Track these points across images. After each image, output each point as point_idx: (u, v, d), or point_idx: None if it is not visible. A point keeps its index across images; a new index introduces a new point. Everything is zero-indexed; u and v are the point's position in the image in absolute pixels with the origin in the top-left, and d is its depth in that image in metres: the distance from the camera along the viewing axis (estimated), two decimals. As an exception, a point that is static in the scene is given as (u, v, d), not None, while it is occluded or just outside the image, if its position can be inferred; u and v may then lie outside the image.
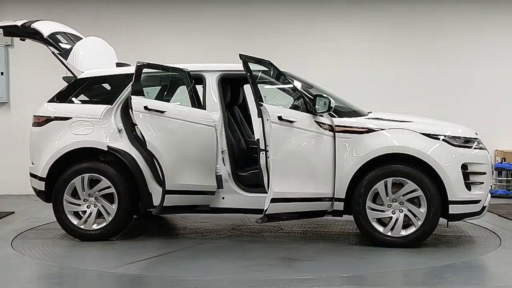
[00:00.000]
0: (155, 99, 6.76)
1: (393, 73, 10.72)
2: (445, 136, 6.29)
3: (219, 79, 6.74)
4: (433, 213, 6.13)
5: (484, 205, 6.33)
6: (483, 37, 10.80)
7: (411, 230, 6.21)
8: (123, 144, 6.62)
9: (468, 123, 10.64)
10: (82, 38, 7.26)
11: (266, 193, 6.13)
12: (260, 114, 6.00)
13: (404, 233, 6.22)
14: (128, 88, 6.62)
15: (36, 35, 6.92)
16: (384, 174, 6.19)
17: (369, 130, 6.30)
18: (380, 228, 6.23)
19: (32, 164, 6.84)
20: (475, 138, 6.46)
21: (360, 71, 10.63)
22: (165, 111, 6.27)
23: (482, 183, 6.26)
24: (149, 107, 6.21)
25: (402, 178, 6.17)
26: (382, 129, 6.31)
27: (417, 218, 6.18)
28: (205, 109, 6.60)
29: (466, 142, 6.36)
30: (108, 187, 6.57)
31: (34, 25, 6.89)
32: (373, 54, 10.74)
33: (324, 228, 7.39)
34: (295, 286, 5.01)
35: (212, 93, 6.68)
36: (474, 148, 6.34)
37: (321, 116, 6.28)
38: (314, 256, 6.02)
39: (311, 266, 5.66)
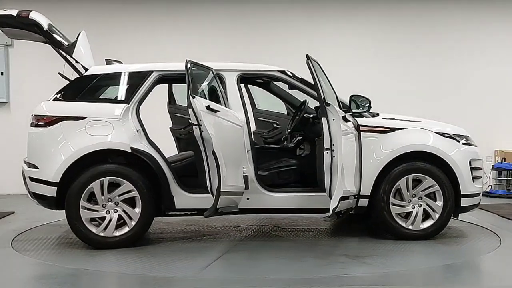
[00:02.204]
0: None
1: (392, 73, 10.72)
2: (453, 134, 6.75)
3: (238, 79, 6.61)
4: (449, 206, 6.54)
5: (480, 198, 6.86)
6: (483, 37, 10.81)
7: (430, 223, 6.57)
8: (143, 145, 6.32)
9: (468, 123, 10.65)
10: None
11: (293, 192, 6.50)
12: (324, 114, 6.02)
13: (423, 226, 6.55)
14: (144, 86, 6.44)
15: (34, 27, 6.30)
16: (407, 171, 6.52)
17: (391, 130, 6.59)
18: (403, 223, 6.52)
19: (35, 168, 6.25)
20: (468, 136, 6.90)
21: (360, 71, 10.63)
22: (218, 111, 6.06)
23: (480, 177, 6.81)
24: (210, 106, 5.93)
25: (421, 175, 6.53)
26: (401, 129, 6.62)
27: (434, 211, 6.54)
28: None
29: (466, 140, 6.82)
30: (130, 191, 6.21)
31: (32, 16, 6.26)
32: (372, 54, 10.75)
33: (317, 225, 7.42)
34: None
35: (233, 92, 6.52)
36: (471, 145, 6.82)
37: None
38: (369, 251, 6.15)
39: (385, 261, 5.79)
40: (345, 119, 6.17)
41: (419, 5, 10.78)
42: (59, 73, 6.75)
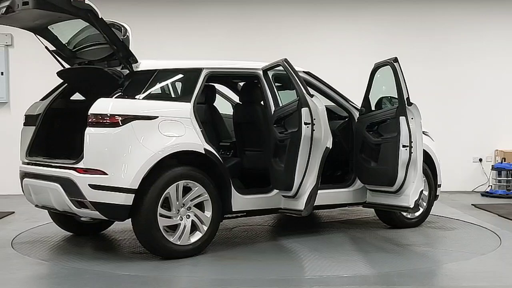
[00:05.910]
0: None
1: (393, 73, 10.71)
2: (427, 132, 7.35)
3: (273, 78, 6.55)
4: (433, 196, 7.33)
5: None
6: (483, 37, 10.82)
7: (420, 211, 7.19)
8: (208, 146, 5.94)
9: (468, 123, 10.72)
10: None
11: (329, 189, 6.66)
12: (403, 113, 6.35)
13: (416, 214, 7.20)
14: (199, 84, 6.07)
15: (87, 13, 5.56)
16: None
17: None
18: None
19: (102, 173, 5.52)
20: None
21: (360, 71, 10.61)
22: None
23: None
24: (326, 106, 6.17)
25: None
26: None
27: (423, 200, 7.09)
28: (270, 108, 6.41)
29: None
30: (201, 195, 5.85)
31: (88, 1, 5.54)
32: (372, 54, 10.72)
33: (306, 221, 7.53)
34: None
35: (270, 91, 6.49)
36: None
37: None
38: (414, 243, 6.49)
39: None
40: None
41: (419, 6, 10.78)
42: (59, 71, 6.65)
